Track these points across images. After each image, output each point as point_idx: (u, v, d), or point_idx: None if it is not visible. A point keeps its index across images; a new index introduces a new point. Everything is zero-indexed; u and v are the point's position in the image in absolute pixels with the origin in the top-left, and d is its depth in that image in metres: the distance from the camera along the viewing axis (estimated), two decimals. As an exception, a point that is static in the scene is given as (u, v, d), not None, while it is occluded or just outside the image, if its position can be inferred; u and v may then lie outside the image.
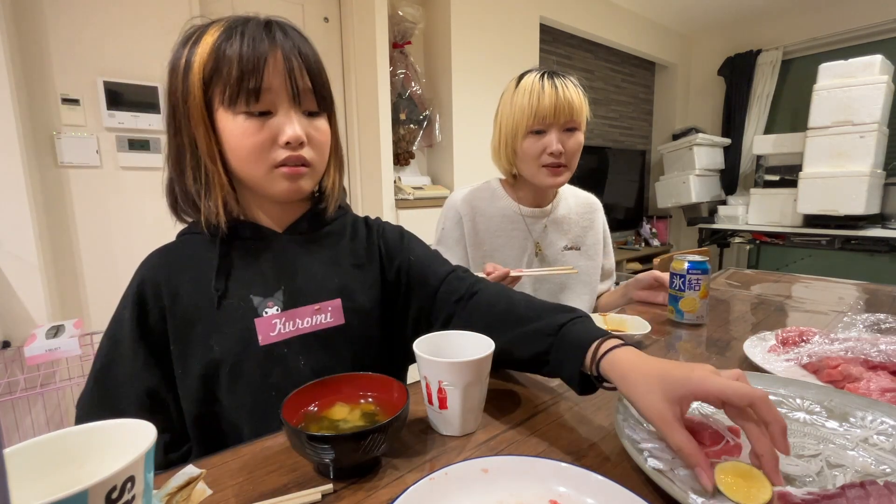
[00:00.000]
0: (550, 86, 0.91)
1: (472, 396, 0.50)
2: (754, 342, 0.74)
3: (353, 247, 0.67)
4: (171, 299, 0.57)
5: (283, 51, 0.53)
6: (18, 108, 1.45)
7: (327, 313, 0.61)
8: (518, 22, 2.68)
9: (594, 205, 1.16)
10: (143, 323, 0.56)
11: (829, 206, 2.77)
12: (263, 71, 0.52)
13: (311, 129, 0.57)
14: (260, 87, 0.52)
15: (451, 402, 0.49)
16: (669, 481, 0.39)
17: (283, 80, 0.54)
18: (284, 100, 0.55)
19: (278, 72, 0.53)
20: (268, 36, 0.53)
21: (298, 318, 0.59)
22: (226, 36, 0.53)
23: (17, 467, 0.31)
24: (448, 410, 0.50)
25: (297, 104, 0.56)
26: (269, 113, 0.54)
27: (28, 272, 1.49)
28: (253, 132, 0.54)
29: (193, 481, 0.42)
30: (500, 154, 1.02)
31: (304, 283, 0.61)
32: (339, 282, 0.63)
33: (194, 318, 0.57)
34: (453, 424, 0.51)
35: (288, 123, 0.55)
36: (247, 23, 0.54)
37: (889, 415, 0.48)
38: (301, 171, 0.57)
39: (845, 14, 3.29)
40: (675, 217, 4.19)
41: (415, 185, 2.38)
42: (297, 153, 0.56)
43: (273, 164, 0.56)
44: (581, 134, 0.97)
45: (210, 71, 0.53)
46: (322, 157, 0.60)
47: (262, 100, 0.53)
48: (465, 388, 0.49)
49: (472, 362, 0.49)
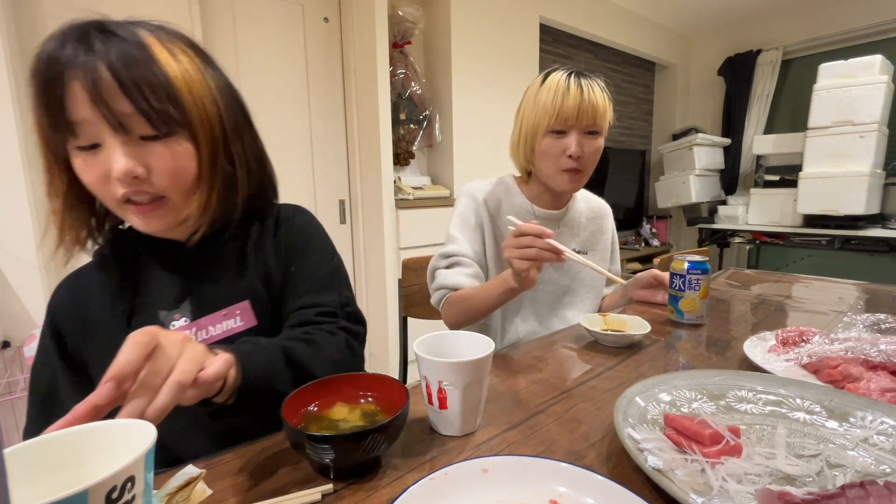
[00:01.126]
0: (576, 86, 0.89)
1: (472, 396, 0.50)
2: (754, 342, 0.74)
3: (262, 243, 0.64)
4: (82, 324, 0.56)
5: (85, 74, 0.44)
6: (18, 108, 1.45)
7: (236, 317, 0.58)
8: (518, 22, 2.68)
9: (604, 210, 1.14)
10: (64, 351, 0.56)
11: (829, 206, 2.77)
12: (65, 101, 0.44)
13: (151, 158, 0.49)
14: (71, 121, 0.45)
15: (451, 402, 0.49)
16: (669, 481, 0.39)
17: (90, 108, 0.45)
18: (104, 130, 0.47)
19: (81, 99, 0.45)
20: (75, 49, 0.44)
21: (210, 326, 0.57)
22: (37, 56, 0.45)
23: (17, 467, 0.31)
24: (448, 410, 0.50)
25: (124, 132, 0.47)
26: (97, 145, 0.47)
27: (28, 272, 1.49)
28: (88, 169, 0.48)
29: (193, 481, 0.42)
30: (518, 150, 1.00)
31: (211, 289, 0.59)
32: (246, 283, 0.60)
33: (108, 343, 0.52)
34: (453, 424, 0.51)
35: (112, 158, 0.47)
36: (66, 33, 0.45)
37: (889, 415, 0.48)
38: (153, 207, 0.51)
39: (845, 14, 3.29)
40: (675, 217, 4.19)
41: (415, 185, 2.38)
42: (139, 188, 0.49)
43: (119, 200, 0.50)
44: (602, 139, 0.95)
45: (35, 99, 0.46)
46: (178, 185, 0.52)
47: (82, 133, 0.46)
48: (465, 388, 0.49)
49: (472, 362, 0.49)
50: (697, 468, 0.41)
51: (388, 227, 2.23)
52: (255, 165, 0.61)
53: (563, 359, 0.75)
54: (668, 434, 0.46)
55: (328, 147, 2.29)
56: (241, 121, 0.58)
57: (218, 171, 0.56)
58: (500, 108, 2.60)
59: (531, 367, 0.71)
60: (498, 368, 0.71)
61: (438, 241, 2.57)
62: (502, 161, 2.62)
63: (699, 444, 0.43)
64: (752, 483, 0.40)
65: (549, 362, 0.73)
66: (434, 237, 2.39)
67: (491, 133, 2.58)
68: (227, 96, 0.56)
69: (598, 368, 0.70)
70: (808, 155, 2.84)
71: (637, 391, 0.55)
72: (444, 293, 0.94)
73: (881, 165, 2.78)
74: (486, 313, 0.89)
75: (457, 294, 0.91)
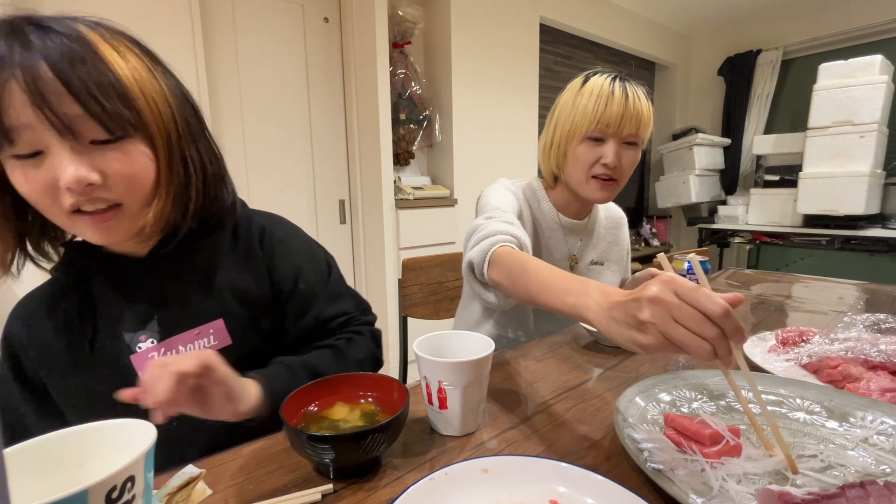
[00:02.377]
0: (621, 92, 0.83)
1: (472, 396, 0.50)
2: (754, 342, 0.74)
3: (235, 258, 0.60)
4: (39, 351, 0.53)
5: (24, 73, 0.40)
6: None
7: (209, 336, 0.55)
8: (518, 22, 2.68)
9: (621, 220, 1.12)
10: (21, 375, 0.54)
11: (829, 206, 2.77)
12: (4, 106, 0.40)
13: (104, 162, 0.45)
14: (7, 127, 0.40)
15: (451, 402, 0.49)
16: (669, 481, 0.39)
17: (33, 113, 0.40)
18: (49, 136, 0.42)
19: (24, 103, 0.40)
20: (9, 49, 0.40)
21: (180, 346, 0.54)
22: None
23: (17, 467, 0.31)
24: (448, 410, 0.50)
25: (72, 136, 0.42)
26: (39, 152, 0.43)
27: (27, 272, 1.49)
28: (28, 179, 0.43)
29: (193, 481, 0.42)
30: (548, 154, 0.93)
31: (179, 308, 0.55)
32: (218, 301, 0.57)
33: (68, 367, 0.52)
34: (453, 424, 0.51)
35: (60, 166, 0.42)
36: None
37: (889, 415, 0.48)
38: (108, 216, 0.47)
39: (845, 14, 3.29)
40: (675, 217, 4.19)
41: (415, 185, 2.38)
42: (93, 195, 0.45)
43: (68, 211, 0.45)
44: (640, 151, 0.89)
45: None
46: (135, 191, 0.48)
47: (20, 140, 0.41)
48: (465, 388, 0.49)
49: (472, 362, 0.49)
50: (697, 468, 0.41)
51: (388, 227, 2.23)
52: (211, 170, 0.56)
53: (563, 359, 0.75)
54: (668, 434, 0.46)
55: (328, 147, 2.29)
56: (194, 123, 0.54)
57: (174, 177, 0.51)
58: (500, 108, 2.60)
59: (531, 367, 0.71)
60: (498, 368, 0.71)
61: (439, 241, 2.58)
62: (502, 161, 2.64)
63: (699, 444, 0.43)
64: (752, 483, 0.40)
65: (549, 362, 0.73)
66: (434, 237, 2.39)
67: (491, 133, 2.58)
68: (178, 97, 0.52)
69: (598, 368, 0.70)
70: (808, 155, 2.84)
71: (637, 391, 0.55)
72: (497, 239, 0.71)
73: (881, 165, 2.78)
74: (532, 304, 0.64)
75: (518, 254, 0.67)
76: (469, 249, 0.75)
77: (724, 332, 0.38)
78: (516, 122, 2.71)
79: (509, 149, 2.68)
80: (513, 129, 2.69)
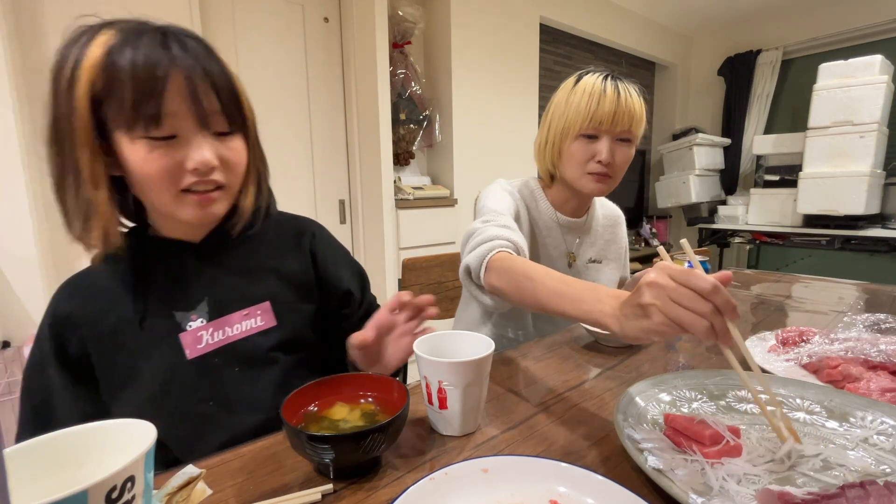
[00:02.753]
0: (613, 90, 0.84)
1: (472, 396, 0.50)
2: (754, 342, 0.74)
3: (280, 249, 0.67)
4: (90, 328, 0.55)
5: (184, 70, 0.48)
6: (18, 108, 1.45)
7: (257, 317, 0.60)
8: (518, 22, 2.68)
9: (618, 218, 1.12)
10: (63, 355, 0.55)
11: (829, 206, 2.77)
12: (163, 95, 0.47)
13: (223, 150, 0.53)
14: (160, 113, 0.48)
15: (451, 402, 0.49)
16: (669, 481, 0.39)
17: (187, 105, 0.49)
18: (190, 124, 0.50)
19: (181, 96, 0.48)
20: (166, 52, 0.48)
21: (227, 327, 0.58)
22: (118, 49, 0.47)
23: (17, 467, 0.31)
24: (448, 410, 0.50)
25: (206, 127, 0.51)
26: (173, 136, 0.50)
27: (28, 272, 1.49)
28: (156, 158, 0.49)
29: (193, 481, 0.42)
30: (543, 153, 0.94)
31: (229, 291, 0.60)
32: (266, 285, 0.63)
33: (118, 343, 0.55)
34: (453, 424, 0.51)
35: (195, 149, 0.50)
36: (141, 34, 0.48)
37: (889, 415, 0.48)
38: (213, 196, 0.54)
39: (845, 14, 3.29)
40: (675, 217, 4.19)
41: (415, 185, 2.38)
42: (208, 178, 0.52)
43: (181, 189, 0.52)
44: (633, 148, 0.90)
45: (101, 90, 0.47)
46: (237, 178, 0.57)
47: (164, 125, 0.48)
48: (465, 388, 0.49)
49: (472, 362, 0.49)
50: (697, 468, 0.41)
51: (388, 227, 2.23)
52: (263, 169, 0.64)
53: (563, 359, 0.75)
54: (668, 434, 0.46)
55: (328, 147, 2.29)
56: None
57: (256, 168, 0.60)
58: (500, 108, 2.60)
59: (531, 367, 0.71)
60: (498, 368, 0.71)
61: (439, 241, 2.58)
62: (502, 161, 2.64)
63: (699, 444, 0.43)
64: (752, 483, 0.40)
65: (549, 362, 0.73)
66: (434, 237, 2.39)
67: (491, 133, 2.58)
68: None
69: (598, 368, 0.70)
70: (808, 155, 2.84)
71: (637, 391, 0.55)
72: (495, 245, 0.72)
73: (881, 165, 2.78)
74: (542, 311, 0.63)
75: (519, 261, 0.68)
76: (466, 254, 0.75)
77: (717, 308, 0.41)
78: (516, 121, 2.71)
79: (509, 149, 2.68)
80: (513, 129, 2.69)
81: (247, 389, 0.58)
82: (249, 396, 0.58)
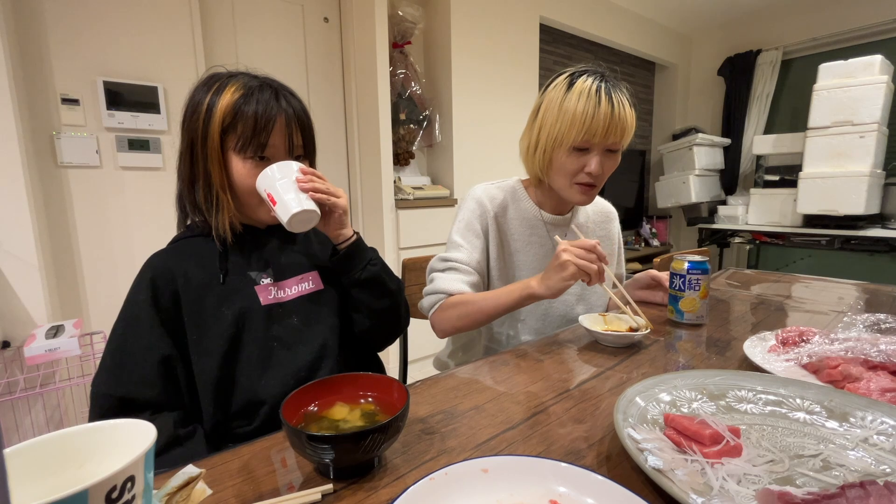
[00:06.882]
0: (607, 101, 0.85)
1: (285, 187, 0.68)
2: (754, 342, 0.74)
3: (320, 236, 0.86)
4: (183, 281, 0.69)
5: (286, 116, 0.71)
6: (18, 108, 1.45)
7: (309, 281, 0.78)
8: (518, 22, 2.68)
9: (610, 214, 1.13)
10: (157, 302, 0.67)
11: (829, 206, 2.77)
12: (272, 131, 0.69)
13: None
14: (266, 143, 0.69)
15: (277, 197, 0.67)
16: (669, 481, 0.39)
17: (283, 139, 0.71)
18: (282, 151, 0.72)
19: (281, 133, 0.71)
20: (276, 103, 0.70)
21: (287, 287, 0.76)
22: (244, 98, 0.68)
23: (17, 467, 0.31)
24: (279, 204, 0.66)
25: (290, 153, 0.73)
26: (268, 158, 0.71)
27: (28, 272, 1.49)
28: (250, 173, 0.70)
29: (193, 481, 0.42)
30: (532, 157, 0.95)
31: (288, 261, 0.78)
32: (314, 259, 0.81)
33: (205, 293, 0.70)
34: (289, 207, 0.66)
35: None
36: (261, 89, 0.70)
37: (889, 415, 0.48)
38: None
39: (845, 14, 3.29)
40: (675, 217, 4.19)
41: (415, 185, 2.38)
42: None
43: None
44: (619, 155, 0.92)
45: (228, 124, 0.68)
46: None
47: (267, 151, 0.70)
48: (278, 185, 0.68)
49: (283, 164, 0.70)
50: (697, 468, 0.41)
51: (388, 227, 2.23)
52: None
53: (563, 359, 0.75)
54: (668, 434, 0.46)
55: (328, 147, 2.29)
56: None
57: None
58: (500, 108, 2.61)
59: (531, 367, 0.71)
60: (498, 368, 0.71)
61: (439, 241, 2.58)
62: (502, 161, 2.64)
63: (699, 444, 0.43)
64: (752, 483, 0.40)
65: (549, 362, 0.73)
66: (434, 237, 2.39)
67: (491, 133, 2.59)
68: None
69: (598, 368, 0.70)
70: (807, 155, 2.84)
71: (637, 391, 0.55)
72: (440, 297, 0.92)
73: (881, 165, 2.78)
74: (493, 318, 0.87)
75: (457, 297, 0.89)
76: (425, 293, 0.96)
77: (599, 257, 0.77)
78: (516, 121, 2.71)
79: (509, 149, 2.67)
80: (513, 129, 2.69)
81: (302, 334, 0.74)
82: (304, 339, 0.73)
